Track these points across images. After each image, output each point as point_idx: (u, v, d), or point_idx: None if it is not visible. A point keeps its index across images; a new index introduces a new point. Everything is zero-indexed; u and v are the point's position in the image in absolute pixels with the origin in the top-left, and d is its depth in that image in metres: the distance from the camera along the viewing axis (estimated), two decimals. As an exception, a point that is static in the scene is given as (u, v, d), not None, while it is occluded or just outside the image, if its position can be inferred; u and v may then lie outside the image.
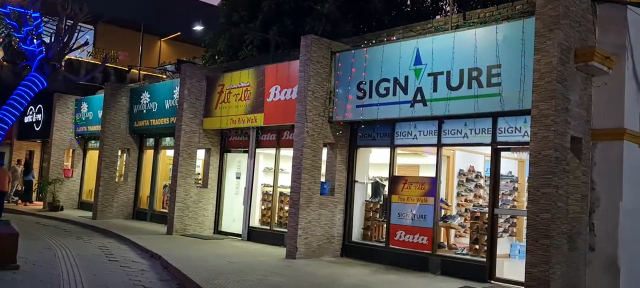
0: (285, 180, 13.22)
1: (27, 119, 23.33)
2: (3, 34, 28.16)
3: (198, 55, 24.50)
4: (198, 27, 19.75)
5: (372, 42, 11.38)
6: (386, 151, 11.15)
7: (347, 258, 11.36)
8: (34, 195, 21.91)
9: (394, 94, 10.32)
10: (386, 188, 11.45)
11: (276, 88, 12.67)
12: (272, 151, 13.52)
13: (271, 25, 16.26)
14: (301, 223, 10.84)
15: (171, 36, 31.86)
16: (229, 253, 11.16)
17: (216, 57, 18.94)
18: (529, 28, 8.37)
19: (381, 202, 11.66)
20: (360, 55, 11.04)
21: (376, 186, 11.95)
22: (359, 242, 11.62)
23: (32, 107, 22.81)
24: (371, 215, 11.74)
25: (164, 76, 22.68)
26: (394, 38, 10.96)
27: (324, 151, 11.58)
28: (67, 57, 17.20)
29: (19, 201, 21.53)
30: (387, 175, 11.25)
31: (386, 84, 10.47)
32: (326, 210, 11.35)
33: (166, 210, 15.55)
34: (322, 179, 11.51)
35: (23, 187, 21.78)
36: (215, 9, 23.05)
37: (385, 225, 11.02)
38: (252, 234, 13.43)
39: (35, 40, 10.72)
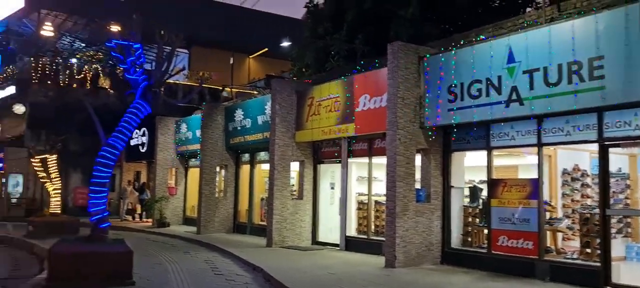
0: (379, 188, 13.18)
1: (133, 142, 24.93)
2: (109, 65, 30.35)
3: (286, 69, 25.12)
4: (285, 43, 20.23)
5: (460, 43, 11.11)
6: (482, 154, 10.81)
7: (447, 265, 11.11)
8: (144, 213, 23.38)
9: (487, 95, 10.01)
10: (484, 192, 11.09)
11: (365, 97, 12.70)
12: (365, 160, 13.54)
13: (356, 35, 16.34)
14: (398, 231, 10.76)
15: (259, 53, 32.89)
16: (328, 264, 11.28)
17: (304, 70, 19.32)
18: (634, 14, 7.82)
19: (480, 207, 11.32)
20: (449, 58, 10.81)
21: (474, 190, 11.62)
22: (458, 248, 11.33)
23: (137, 130, 24.35)
24: (470, 220, 11.42)
25: (255, 92, 23.41)
26: (484, 37, 10.64)
27: (418, 157, 11.43)
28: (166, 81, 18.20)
29: (130, 218, 23.04)
30: (483, 179, 10.90)
31: (478, 85, 10.18)
32: (423, 217, 11.18)
33: (264, 223, 16.01)
34: (417, 186, 11.36)
35: (135, 206, 23.33)
36: (300, 23, 23.52)
37: (485, 231, 10.67)
38: (350, 243, 13.50)
39: (138, 69, 11.41)
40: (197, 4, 29.38)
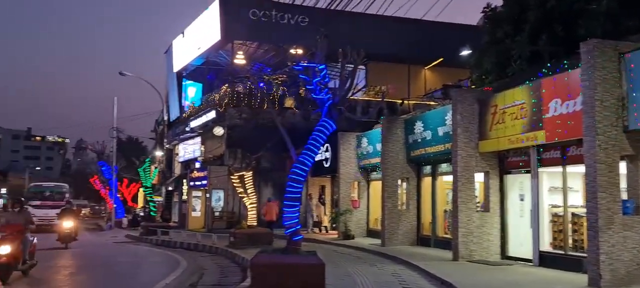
0: (575, 199, 12.14)
1: (318, 158, 26.22)
2: (292, 87, 32.46)
3: (463, 77, 24.46)
4: (464, 52, 19.74)
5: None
6: None
7: (666, 286, 9.79)
8: (328, 225, 24.46)
9: None
10: None
11: (556, 102, 11.82)
12: (557, 169, 12.57)
13: (539, 35, 15.34)
14: (603, 247, 9.77)
15: (434, 63, 32.54)
16: (520, 281, 10.67)
17: (483, 77, 18.62)
18: None
19: None
20: (658, 52, 9.60)
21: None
22: (678, 267, 9.92)
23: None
24: (692, 235, 9.94)
25: (432, 103, 23.19)
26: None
27: (622, 165, 10.30)
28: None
29: (317, 230, 24.23)
30: None
31: (697, 80, 8.88)
32: (633, 231, 10.02)
33: (449, 236, 15.69)
34: (624, 197, 10.22)
35: (321, 218, 24.54)
36: (475, 29, 22.79)
37: None
38: (544, 259, 12.59)
39: (323, 89, 12.01)
40: (371, 21, 30.09)
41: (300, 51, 30.20)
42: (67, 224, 20.87)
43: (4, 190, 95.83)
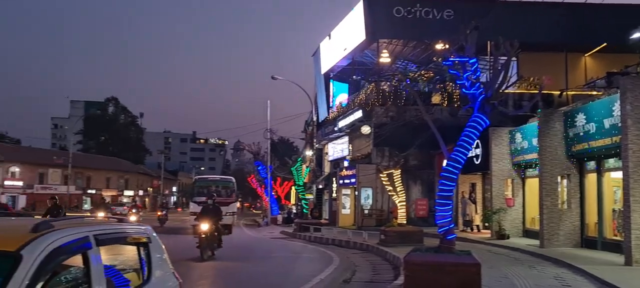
0: None
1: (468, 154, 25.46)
2: (438, 82, 31.87)
3: (631, 63, 22.14)
4: (635, 35, 17.86)
5: None
6: None
7: None
8: (480, 224, 23.60)
9: None
10: None
11: None
12: None
13: None
14: None
15: (596, 49, 29.85)
16: None
17: (659, 62, 16.69)
18: None
19: None
20: None
21: None
22: None
23: (470, 143, 24.78)
24: None
25: (595, 93, 21.30)
26: None
27: None
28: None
29: (469, 230, 23.50)
30: None
31: None
32: None
33: (619, 238, 14.29)
34: None
35: (472, 217, 23.80)
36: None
37: None
38: None
39: (475, 83, 11.61)
40: (523, 9, 28.47)
41: (446, 46, 29.58)
42: (205, 227, 16.10)
43: (175, 188, 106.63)
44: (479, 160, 23.90)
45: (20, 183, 59.80)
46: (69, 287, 3.96)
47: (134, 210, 37.07)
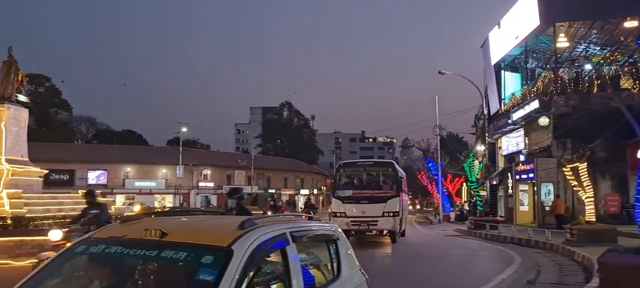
0: None
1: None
2: (628, 64, 28.63)
3: None
4: None
5: None
6: None
7: None
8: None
9: None
10: None
11: None
12: None
13: None
14: None
15: None
16: None
17: None
18: None
19: None
20: None
21: None
22: None
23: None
24: None
25: None
26: None
27: None
28: None
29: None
30: None
31: None
32: None
33: None
34: None
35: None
36: None
37: None
38: None
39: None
40: None
41: (635, 23, 26.40)
42: None
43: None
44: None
45: (211, 184, 66.31)
46: (268, 280, 4.30)
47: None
